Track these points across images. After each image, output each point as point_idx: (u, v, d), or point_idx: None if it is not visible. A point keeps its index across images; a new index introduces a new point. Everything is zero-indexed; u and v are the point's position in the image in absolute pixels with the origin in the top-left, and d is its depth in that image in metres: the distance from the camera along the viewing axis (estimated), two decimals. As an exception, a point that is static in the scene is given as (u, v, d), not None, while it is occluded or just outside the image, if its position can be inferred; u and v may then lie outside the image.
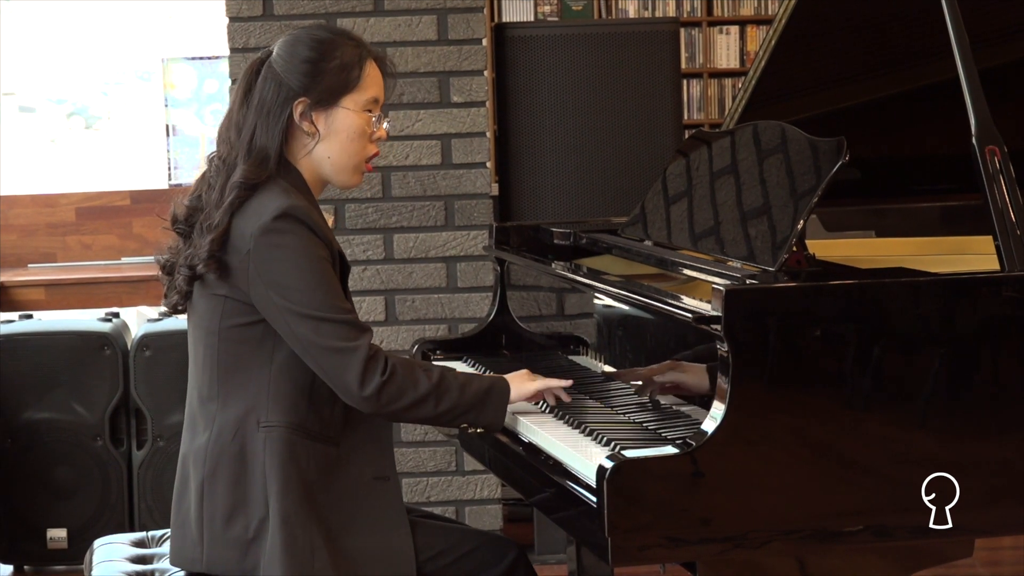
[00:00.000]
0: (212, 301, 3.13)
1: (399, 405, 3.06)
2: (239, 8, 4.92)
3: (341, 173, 3.21)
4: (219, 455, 3.12)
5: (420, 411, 3.09)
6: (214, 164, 3.18)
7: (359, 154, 3.20)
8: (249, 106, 3.16)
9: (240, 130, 3.15)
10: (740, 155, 3.45)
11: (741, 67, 10.10)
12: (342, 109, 3.17)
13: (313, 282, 3.04)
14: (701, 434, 2.82)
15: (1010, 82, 3.92)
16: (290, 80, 3.14)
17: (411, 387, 3.06)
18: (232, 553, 3.10)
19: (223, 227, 3.07)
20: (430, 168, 4.97)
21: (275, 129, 3.13)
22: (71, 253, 6.89)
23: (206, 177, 3.20)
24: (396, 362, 3.06)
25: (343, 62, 3.16)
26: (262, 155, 3.12)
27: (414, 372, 3.08)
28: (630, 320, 3.39)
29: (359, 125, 3.18)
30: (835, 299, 2.92)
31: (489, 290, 4.89)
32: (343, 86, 3.16)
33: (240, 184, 3.09)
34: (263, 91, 3.15)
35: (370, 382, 3.02)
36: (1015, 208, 3.05)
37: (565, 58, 5.04)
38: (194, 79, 7.33)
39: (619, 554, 2.79)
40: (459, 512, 5.02)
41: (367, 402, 3.04)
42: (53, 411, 5.25)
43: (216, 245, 3.07)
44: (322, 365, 3.05)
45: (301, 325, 3.03)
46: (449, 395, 3.10)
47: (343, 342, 3.03)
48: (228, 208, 3.08)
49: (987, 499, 2.91)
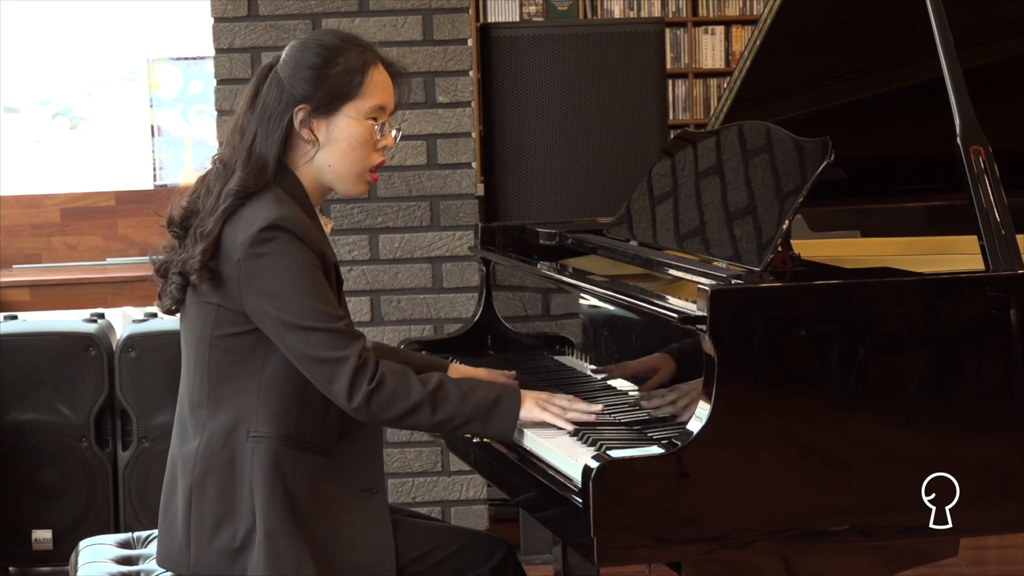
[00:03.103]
0: (204, 308, 3.12)
1: (391, 413, 3.05)
2: (224, 8, 4.91)
3: (343, 182, 3.18)
4: (208, 462, 3.12)
5: (415, 419, 3.07)
6: (216, 167, 3.17)
7: (362, 163, 3.17)
8: (254, 111, 3.14)
9: (243, 135, 3.13)
10: (725, 155, 3.45)
11: (726, 67, 10.11)
12: (344, 117, 3.14)
13: (303, 290, 3.03)
14: (686, 434, 2.82)
15: (995, 82, 3.93)
16: (292, 86, 3.12)
17: (403, 395, 3.04)
18: (219, 561, 3.11)
19: (214, 236, 3.05)
20: (416, 168, 4.97)
21: (274, 135, 3.11)
22: (56, 254, 6.88)
23: (206, 179, 3.17)
24: (388, 369, 3.04)
25: (346, 68, 3.13)
26: (260, 162, 3.10)
27: (407, 380, 3.06)
28: (615, 320, 3.39)
29: (361, 133, 3.15)
30: (820, 299, 2.92)
31: (475, 290, 4.89)
32: (344, 93, 3.13)
33: (235, 192, 3.07)
34: (267, 96, 3.13)
35: (358, 392, 3.01)
36: (999, 208, 3.06)
37: (550, 58, 5.04)
38: (179, 79, 7.32)
39: (605, 554, 2.80)
40: (445, 512, 5.02)
41: (357, 412, 3.03)
42: (38, 412, 5.24)
43: (207, 255, 3.05)
44: (313, 374, 3.05)
45: (291, 335, 3.03)
46: (447, 404, 3.07)
47: (332, 352, 3.02)
48: (220, 216, 3.06)
49: (977, 498, 2.92)
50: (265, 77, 3.17)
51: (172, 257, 3.16)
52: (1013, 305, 2.95)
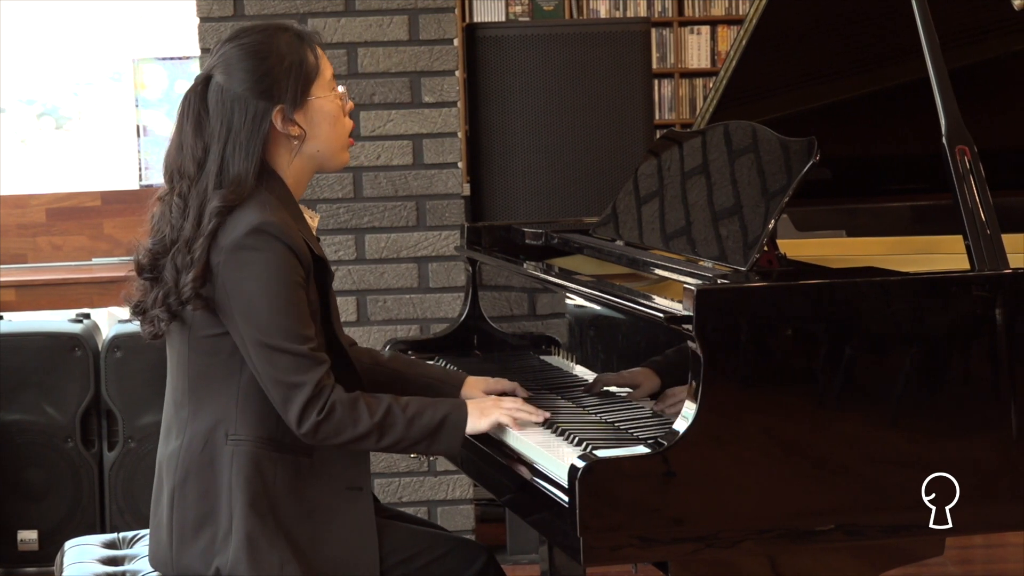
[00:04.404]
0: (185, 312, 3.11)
1: (336, 441, 3.06)
2: (210, 8, 4.91)
3: (332, 158, 3.20)
4: (189, 464, 3.12)
5: (361, 445, 3.09)
6: (174, 205, 3.08)
7: (343, 133, 3.20)
8: (207, 135, 3.08)
9: (200, 163, 3.07)
10: (711, 155, 3.45)
11: (712, 67, 10.11)
12: (315, 100, 3.14)
13: (276, 305, 3.01)
14: (673, 434, 2.82)
15: (980, 82, 3.93)
16: (254, 95, 3.08)
17: (350, 426, 3.05)
18: (199, 562, 3.11)
19: (203, 261, 3.02)
20: (401, 168, 4.97)
21: (252, 149, 3.07)
22: (41, 254, 6.86)
23: (166, 218, 3.10)
24: (339, 400, 3.04)
25: (293, 56, 3.12)
26: (237, 180, 3.06)
27: (356, 409, 3.05)
28: (602, 320, 3.39)
29: (334, 107, 3.17)
30: (806, 299, 2.92)
31: (461, 290, 4.89)
32: (307, 78, 3.13)
33: (219, 209, 3.02)
34: (224, 116, 3.08)
35: (307, 420, 3.02)
36: (985, 208, 3.06)
37: (536, 58, 5.04)
38: (165, 79, 7.30)
39: (591, 554, 2.80)
40: (431, 512, 5.02)
41: (304, 437, 3.05)
42: (24, 412, 5.23)
43: (199, 282, 3.03)
44: (270, 393, 3.05)
45: (256, 350, 3.02)
46: (393, 431, 3.08)
47: (290, 376, 3.02)
48: (207, 240, 3.02)
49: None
50: (203, 97, 3.10)
51: (146, 295, 3.13)
52: (998, 304, 2.95)
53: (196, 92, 3.11)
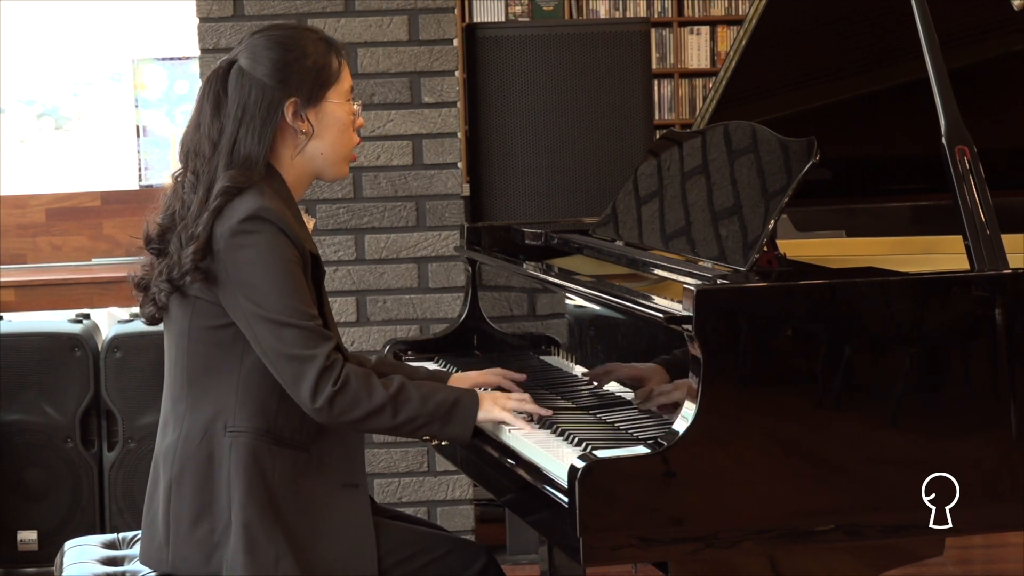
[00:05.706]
0: (185, 302, 3.12)
1: (352, 416, 3.05)
2: (209, 9, 4.91)
3: (333, 166, 3.21)
4: (186, 457, 3.12)
5: (376, 422, 3.08)
6: (187, 181, 3.14)
7: (348, 145, 3.22)
8: (224, 116, 3.13)
9: (215, 143, 3.12)
10: (711, 155, 3.45)
11: (712, 67, 10.11)
12: (330, 103, 3.17)
13: (279, 283, 3.03)
14: (672, 434, 2.82)
15: (980, 82, 3.93)
16: (272, 83, 3.12)
17: (365, 398, 3.05)
18: (197, 555, 3.11)
19: (205, 236, 3.05)
20: (401, 169, 4.97)
21: (264, 133, 3.11)
22: (41, 254, 6.86)
23: (178, 194, 3.15)
24: (352, 372, 3.04)
25: (318, 56, 3.16)
26: (248, 161, 3.10)
27: (370, 383, 3.06)
28: (601, 320, 3.39)
29: (346, 116, 3.20)
30: (806, 299, 2.92)
31: (461, 291, 4.89)
32: (326, 80, 3.16)
33: (225, 189, 3.06)
34: (242, 98, 3.12)
35: (322, 393, 3.01)
36: (984, 208, 3.06)
37: (536, 58, 5.04)
38: (164, 80, 7.31)
39: (591, 554, 2.80)
40: (431, 513, 5.02)
41: (319, 413, 3.03)
42: (23, 413, 5.23)
43: (199, 255, 3.05)
44: (279, 371, 3.05)
45: (263, 328, 3.03)
46: (408, 406, 3.08)
47: (301, 349, 3.02)
48: (211, 215, 3.05)
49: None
50: (224, 81, 3.15)
51: (151, 271, 3.16)
52: (998, 305, 2.95)
53: (218, 75, 3.17)
